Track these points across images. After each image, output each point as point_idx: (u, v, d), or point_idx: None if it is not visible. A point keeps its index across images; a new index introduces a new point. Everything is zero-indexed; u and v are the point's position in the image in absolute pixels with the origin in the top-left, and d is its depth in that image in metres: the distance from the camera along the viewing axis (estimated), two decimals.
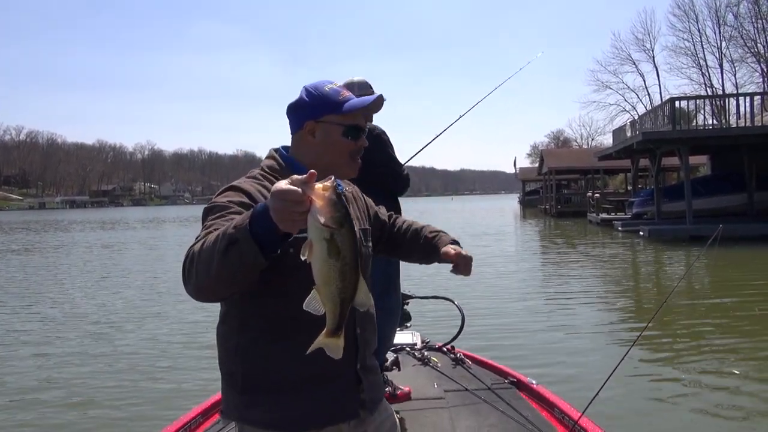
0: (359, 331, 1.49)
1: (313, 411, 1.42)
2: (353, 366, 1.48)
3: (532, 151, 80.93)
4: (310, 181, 1.08)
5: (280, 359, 1.40)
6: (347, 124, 1.49)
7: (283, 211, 1.08)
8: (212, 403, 2.96)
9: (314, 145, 1.51)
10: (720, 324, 7.18)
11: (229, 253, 1.14)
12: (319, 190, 1.09)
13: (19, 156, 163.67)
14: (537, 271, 12.93)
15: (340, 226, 1.10)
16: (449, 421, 2.76)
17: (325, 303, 1.15)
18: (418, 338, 3.96)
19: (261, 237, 1.13)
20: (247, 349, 1.42)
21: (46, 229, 38.22)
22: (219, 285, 1.21)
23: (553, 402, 2.87)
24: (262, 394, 1.42)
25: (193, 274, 1.22)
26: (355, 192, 1.72)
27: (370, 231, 1.68)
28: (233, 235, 1.15)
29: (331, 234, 1.10)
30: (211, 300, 1.28)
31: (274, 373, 1.41)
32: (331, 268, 1.12)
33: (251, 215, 1.15)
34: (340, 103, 1.48)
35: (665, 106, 19.36)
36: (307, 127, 1.50)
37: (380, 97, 1.52)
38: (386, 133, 3.17)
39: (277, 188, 1.07)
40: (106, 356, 6.30)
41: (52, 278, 13.42)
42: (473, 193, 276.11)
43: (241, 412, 1.45)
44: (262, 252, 1.14)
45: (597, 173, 36.36)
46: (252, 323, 1.42)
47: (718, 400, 4.59)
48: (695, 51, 43.07)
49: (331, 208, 1.09)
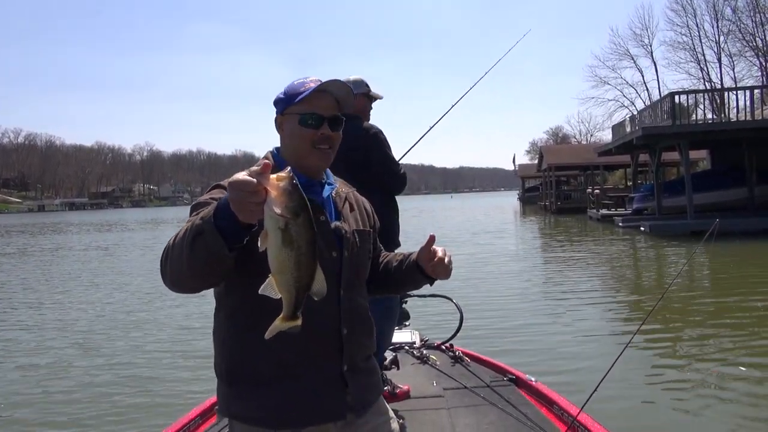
0: (345, 331, 1.48)
1: (290, 407, 1.42)
2: (337, 366, 1.47)
3: (531, 147, 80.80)
4: (264, 171, 1.10)
5: (258, 352, 1.40)
6: (303, 112, 1.50)
7: (240, 201, 1.11)
8: (210, 404, 2.93)
9: (284, 139, 1.55)
10: (721, 319, 7.13)
11: (196, 244, 1.19)
12: (273, 181, 1.11)
13: (18, 159, 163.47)
14: (538, 268, 12.86)
15: (295, 216, 1.12)
16: (448, 419, 2.75)
17: (281, 290, 1.17)
18: (416, 337, 3.94)
19: (224, 228, 1.17)
20: (230, 342, 1.46)
21: (42, 232, 38.11)
22: (192, 277, 1.25)
23: (552, 399, 2.86)
24: (242, 386, 1.44)
25: (168, 267, 1.27)
26: (357, 198, 1.70)
27: (371, 233, 1.65)
28: (200, 227, 1.19)
29: (285, 223, 1.11)
30: (188, 292, 1.33)
31: (252, 366, 1.42)
32: (286, 257, 1.14)
33: (215, 207, 1.19)
34: (298, 93, 1.50)
35: (665, 100, 19.28)
36: (278, 122, 1.56)
37: (336, 82, 1.50)
38: (383, 132, 3.13)
39: (233, 179, 1.11)
40: (101, 356, 6.23)
41: (45, 282, 13.35)
42: (473, 191, 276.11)
43: (228, 405, 1.47)
44: (228, 243, 1.17)
45: (596, 169, 36.34)
46: (236, 316, 1.45)
47: (720, 396, 4.56)
48: (693, 46, 42.91)
49: (285, 198, 1.11)
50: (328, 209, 1.54)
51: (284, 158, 1.52)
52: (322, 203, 1.53)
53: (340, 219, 1.55)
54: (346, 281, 1.51)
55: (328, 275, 1.36)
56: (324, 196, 1.55)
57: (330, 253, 1.48)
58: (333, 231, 1.51)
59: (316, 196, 1.52)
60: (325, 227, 1.49)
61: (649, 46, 47.52)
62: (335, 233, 1.51)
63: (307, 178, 1.51)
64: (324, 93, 1.51)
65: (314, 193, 1.51)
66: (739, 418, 4.15)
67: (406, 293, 3.45)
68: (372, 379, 1.59)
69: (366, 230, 1.62)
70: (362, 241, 1.58)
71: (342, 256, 1.51)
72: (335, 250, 1.50)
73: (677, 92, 19.78)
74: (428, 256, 1.56)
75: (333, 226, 1.51)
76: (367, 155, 2.98)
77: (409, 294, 3.78)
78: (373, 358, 1.64)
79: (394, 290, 1.83)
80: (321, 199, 1.53)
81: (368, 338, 1.59)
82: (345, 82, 1.52)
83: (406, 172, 3.22)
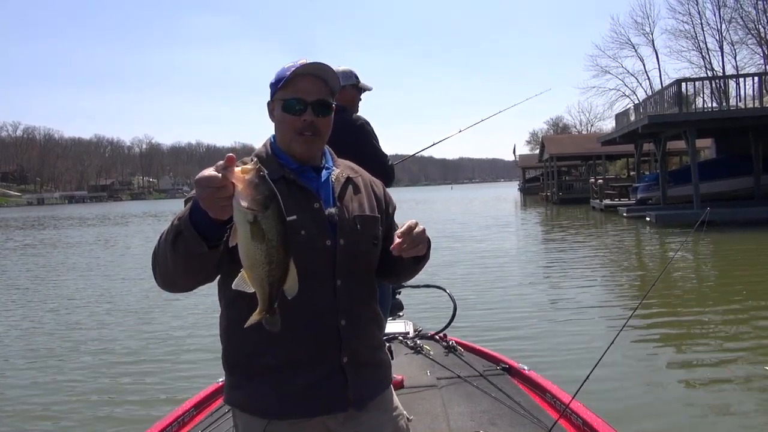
0: (343, 322, 1.43)
1: (288, 398, 1.40)
2: (336, 358, 1.43)
3: (531, 138, 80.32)
4: (229, 165, 1.08)
5: (255, 341, 1.38)
6: (286, 98, 1.45)
7: (207, 198, 1.09)
8: (205, 395, 2.99)
9: (275, 125, 1.52)
10: (718, 306, 7.12)
11: (177, 245, 1.19)
12: (238, 174, 1.08)
13: (17, 152, 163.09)
14: (540, 258, 12.65)
15: (264, 209, 1.08)
16: (442, 407, 2.78)
17: (253, 285, 1.14)
18: (410, 327, 3.96)
19: (201, 226, 1.16)
20: (230, 330, 1.45)
21: (63, 226, 37.40)
22: (180, 277, 1.26)
23: (544, 387, 2.89)
24: (241, 375, 1.45)
25: (157, 269, 1.29)
26: (365, 181, 1.62)
27: (377, 219, 1.56)
28: (178, 226, 1.19)
29: (254, 217, 1.08)
30: (182, 291, 1.35)
31: (249, 356, 1.42)
32: (257, 251, 1.10)
33: (192, 205, 1.17)
34: (284, 77, 1.45)
35: (671, 88, 18.85)
36: (269, 108, 1.52)
37: (317, 64, 1.44)
38: (370, 123, 3.12)
39: (199, 176, 1.09)
40: (96, 354, 6.01)
41: (44, 276, 13.06)
42: (472, 182, 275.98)
43: (229, 393, 1.48)
44: (207, 241, 1.17)
45: (599, 159, 35.96)
46: (233, 306, 1.43)
47: (713, 382, 4.57)
48: (695, 34, 42.35)
49: (251, 191, 1.07)
50: (324, 195, 1.48)
51: (279, 146, 1.50)
52: (317, 189, 1.48)
53: (337, 204, 1.48)
54: (344, 270, 1.44)
55: (323, 264, 1.40)
56: (322, 181, 1.50)
57: (324, 242, 1.43)
58: (327, 218, 1.45)
59: (310, 182, 1.48)
60: (319, 215, 1.44)
61: (650, 34, 47.03)
62: (329, 220, 1.45)
63: (299, 164, 1.48)
64: (309, 76, 1.45)
65: (308, 179, 1.48)
66: (735, 404, 4.14)
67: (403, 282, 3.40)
68: (378, 373, 1.54)
69: (371, 215, 1.53)
70: (365, 227, 1.50)
71: (337, 244, 1.44)
72: (329, 238, 1.43)
73: (684, 79, 19.40)
74: (411, 244, 1.40)
75: (327, 212, 1.45)
76: (354, 147, 2.85)
77: (403, 285, 3.73)
78: (382, 350, 1.58)
79: (395, 279, 1.76)
80: (316, 185, 1.48)
81: (372, 330, 1.53)
82: (326, 64, 1.45)
83: (393, 164, 3.21)
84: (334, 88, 1.49)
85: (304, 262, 1.26)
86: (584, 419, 2.46)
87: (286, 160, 1.48)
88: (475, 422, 2.62)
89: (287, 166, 1.47)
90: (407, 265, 1.53)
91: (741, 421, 3.92)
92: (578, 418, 2.49)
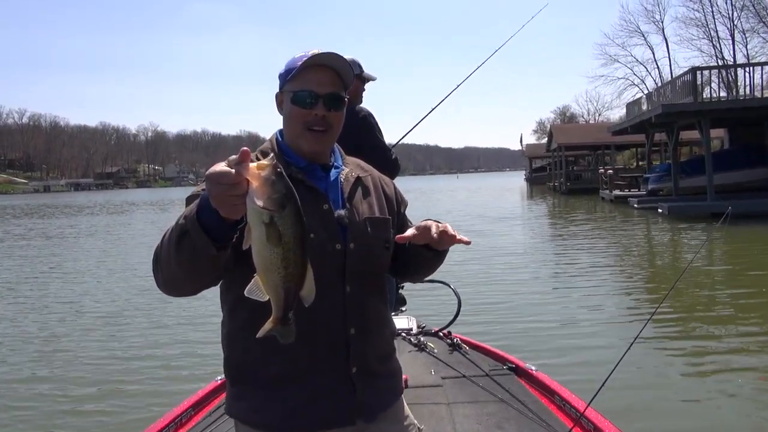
0: (353, 331, 1.37)
1: (293, 411, 1.34)
2: (344, 368, 1.37)
3: (538, 127, 79.87)
4: (244, 160, 1.01)
5: (259, 352, 1.32)
6: (296, 90, 1.38)
7: (220, 195, 1.02)
8: (203, 395, 2.95)
9: (283, 119, 1.44)
10: (741, 307, 6.76)
11: (182, 246, 1.11)
12: (254, 170, 1.02)
13: (23, 139, 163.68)
14: (548, 251, 12.38)
15: (281, 208, 1.03)
16: (447, 409, 2.70)
17: (268, 291, 1.07)
18: (414, 323, 3.86)
19: (209, 226, 1.09)
20: (233, 339, 1.39)
21: (53, 212, 37.41)
22: (184, 280, 1.18)
23: (553, 389, 2.81)
24: (244, 386, 1.38)
25: (159, 272, 1.21)
26: (376, 180, 1.55)
27: (389, 221, 1.49)
28: (183, 226, 1.12)
29: (270, 217, 1.02)
30: (185, 295, 1.26)
31: (254, 366, 1.36)
32: (272, 254, 1.04)
33: (199, 204, 1.10)
34: (294, 68, 1.37)
35: (686, 76, 18.35)
36: (278, 100, 1.44)
37: (332, 54, 1.35)
38: (373, 115, 3.04)
39: (211, 171, 1.02)
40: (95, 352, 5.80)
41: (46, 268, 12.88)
42: (478, 171, 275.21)
43: (230, 404, 1.42)
44: (214, 242, 1.09)
45: (608, 149, 35.45)
46: (238, 311, 1.35)
47: (738, 391, 4.29)
48: (706, 22, 41.66)
49: (268, 189, 1.01)
50: (333, 196, 1.41)
51: (286, 140, 1.44)
52: (326, 189, 1.41)
53: (346, 206, 1.41)
54: (354, 276, 1.38)
55: (332, 269, 1.34)
56: (330, 180, 1.43)
57: (333, 246, 1.36)
58: (336, 220, 1.38)
59: (319, 181, 1.41)
60: (328, 217, 1.38)
61: (660, 22, 46.38)
62: (338, 223, 1.38)
63: (307, 161, 1.41)
64: (321, 67, 1.37)
65: (316, 178, 1.41)
66: (757, 412, 3.94)
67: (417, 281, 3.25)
68: (389, 383, 1.48)
69: (382, 218, 1.47)
70: (376, 230, 1.44)
71: (347, 248, 1.37)
72: (339, 242, 1.37)
73: (700, 68, 18.89)
74: (425, 234, 1.34)
75: (336, 215, 1.38)
76: (358, 140, 2.83)
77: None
78: (392, 358, 1.51)
79: (410, 277, 1.71)
80: (325, 185, 1.42)
81: (383, 338, 1.47)
82: (340, 54, 1.37)
83: (398, 157, 3.12)
84: (348, 81, 1.41)
85: (313, 268, 1.17)
86: (601, 429, 2.34)
87: (294, 158, 1.41)
88: (482, 425, 2.53)
89: (294, 164, 1.40)
90: (421, 264, 1.48)
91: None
92: (594, 427, 2.37)
